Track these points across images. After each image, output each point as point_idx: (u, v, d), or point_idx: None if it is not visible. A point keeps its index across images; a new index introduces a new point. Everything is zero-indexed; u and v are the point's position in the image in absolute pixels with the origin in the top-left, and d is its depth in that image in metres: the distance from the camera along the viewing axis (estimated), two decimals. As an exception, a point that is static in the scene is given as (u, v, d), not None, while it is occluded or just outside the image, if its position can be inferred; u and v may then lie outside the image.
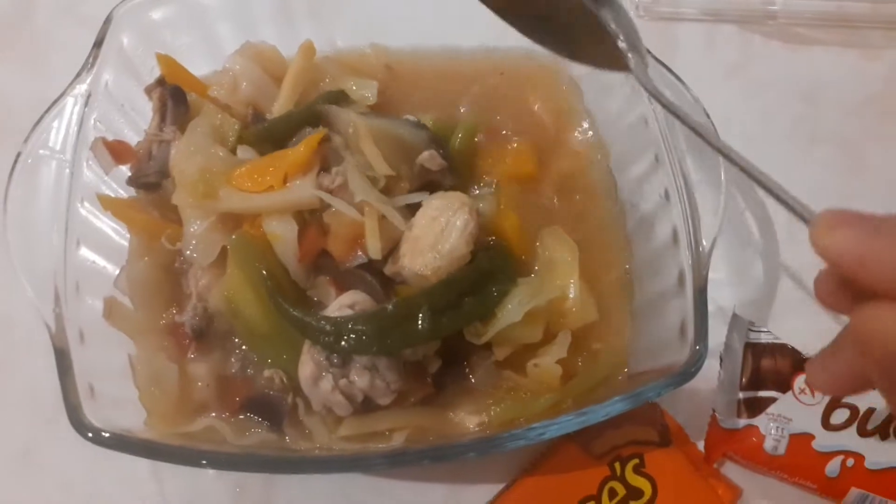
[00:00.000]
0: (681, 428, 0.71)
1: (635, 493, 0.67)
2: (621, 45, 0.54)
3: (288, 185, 0.62)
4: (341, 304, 0.60)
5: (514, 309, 0.61)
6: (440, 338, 0.60)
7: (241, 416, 0.61)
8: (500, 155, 0.73)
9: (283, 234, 0.61)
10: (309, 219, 0.64)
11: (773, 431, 0.66)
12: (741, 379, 0.69)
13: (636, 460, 0.68)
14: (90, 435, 0.52)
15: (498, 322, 0.61)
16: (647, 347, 0.65)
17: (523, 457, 0.69)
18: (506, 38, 0.74)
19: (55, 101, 0.64)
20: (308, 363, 0.59)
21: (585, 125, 0.75)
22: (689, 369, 0.56)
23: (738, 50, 0.90)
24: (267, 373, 0.61)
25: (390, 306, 0.58)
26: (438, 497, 0.68)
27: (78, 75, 0.65)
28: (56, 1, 0.88)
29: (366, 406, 0.60)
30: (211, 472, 0.68)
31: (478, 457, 0.58)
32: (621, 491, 0.67)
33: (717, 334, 0.69)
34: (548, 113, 0.76)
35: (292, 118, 0.68)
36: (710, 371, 0.68)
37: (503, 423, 0.62)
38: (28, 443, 0.69)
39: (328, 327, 0.57)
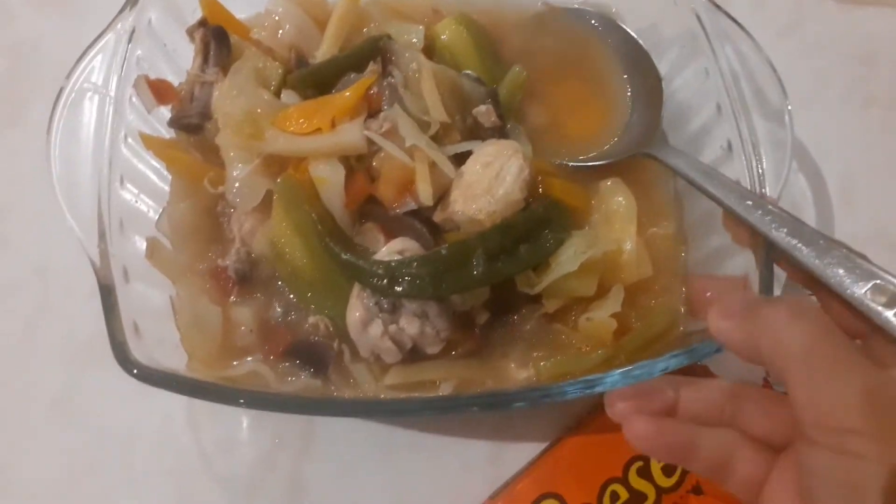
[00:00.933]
0: None
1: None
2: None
3: (336, 128, 0.60)
4: (390, 251, 0.58)
5: (569, 259, 0.59)
6: (494, 283, 0.58)
7: (286, 363, 0.59)
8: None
9: (329, 177, 0.59)
10: (356, 164, 0.62)
11: None
12: None
13: None
14: (135, 371, 0.51)
15: (552, 272, 0.59)
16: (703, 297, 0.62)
17: (568, 415, 0.67)
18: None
19: (98, 37, 0.62)
20: (358, 308, 0.57)
21: None
22: None
23: (791, 9, 0.88)
24: (312, 319, 0.60)
25: (444, 250, 0.56)
26: (481, 455, 0.67)
27: (121, 11, 0.63)
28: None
29: (413, 355, 0.58)
30: (248, 421, 0.67)
31: (527, 407, 0.56)
32: None
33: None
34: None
35: (338, 62, 0.65)
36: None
37: (552, 378, 0.60)
38: (65, 389, 0.68)
39: (381, 271, 0.55)
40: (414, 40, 0.70)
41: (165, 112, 0.66)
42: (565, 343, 0.62)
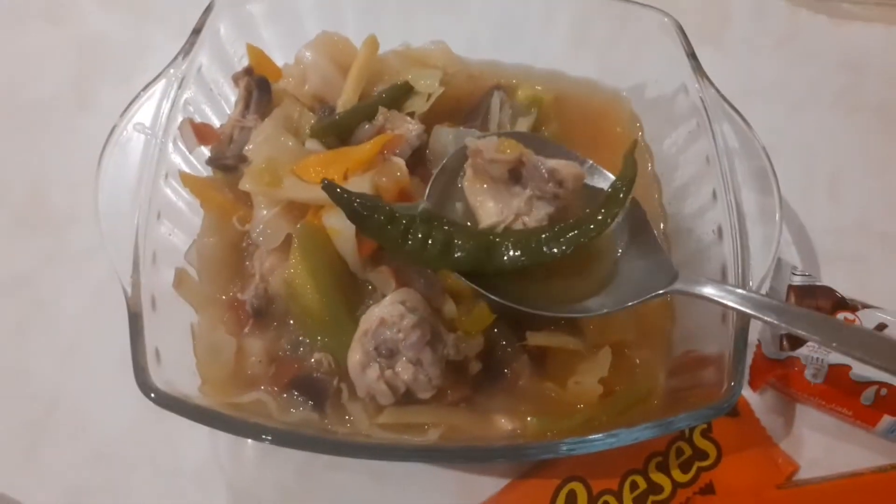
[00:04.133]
0: (748, 404, 0.75)
1: (701, 454, 0.71)
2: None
3: (348, 180, 0.66)
4: (393, 301, 0.63)
5: (592, 384, 0.64)
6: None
7: (288, 394, 0.64)
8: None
9: (340, 228, 0.64)
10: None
11: (812, 361, 0.71)
12: None
13: (705, 425, 0.73)
14: (153, 396, 0.56)
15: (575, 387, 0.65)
16: (686, 367, 0.67)
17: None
18: (576, 67, 0.79)
19: (151, 81, 0.68)
20: (358, 351, 0.62)
21: (645, 159, 0.77)
22: (723, 405, 0.57)
23: (786, 23, 0.98)
24: (317, 356, 0.65)
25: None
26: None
27: (175, 59, 0.70)
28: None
29: (406, 399, 0.63)
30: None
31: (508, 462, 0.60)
32: (688, 451, 0.71)
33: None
34: (607, 140, 0.78)
35: (354, 114, 0.72)
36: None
37: (536, 434, 0.64)
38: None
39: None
40: (431, 83, 0.74)
41: (206, 151, 0.73)
42: (553, 400, 0.66)
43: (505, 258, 0.60)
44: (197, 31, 0.70)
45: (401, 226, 0.61)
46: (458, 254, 0.61)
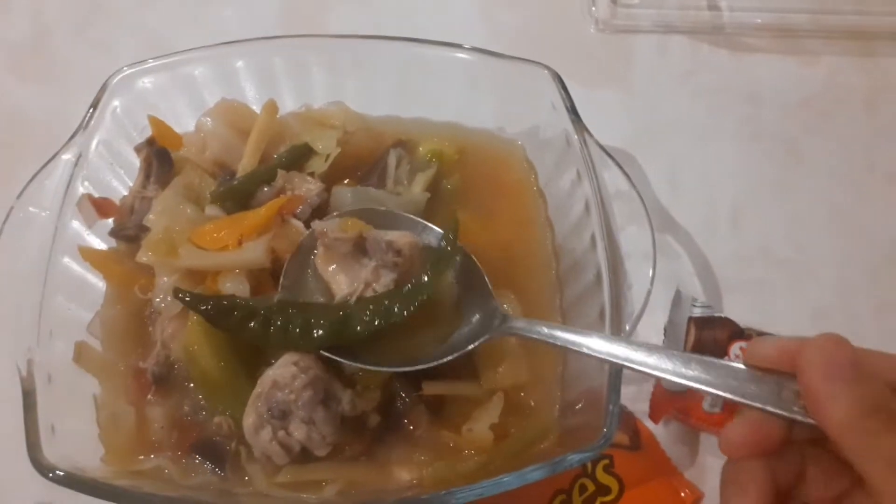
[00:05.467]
0: (652, 436, 0.78)
1: (603, 489, 0.74)
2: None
3: (242, 245, 0.68)
4: (286, 362, 0.65)
5: (483, 430, 0.67)
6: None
7: (189, 458, 0.66)
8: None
9: (234, 292, 0.67)
10: (266, 278, 0.70)
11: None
12: (684, 348, 0.77)
13: (606, 461, 0.75)
14: (49, 474, 0.58)
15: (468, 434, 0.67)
16: (574, 406, 0.69)
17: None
18: (473, 118, 0.82)
19: (48, 161, 0.71)
20: (251, 414, 0.64)
21: (539, 204, 0.80)
22: (596, 447, 0.60)
23: (688, 58, 1.02)
24: (217, 419, 0.67)
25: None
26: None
27: (72, 137, 0.72)
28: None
29: (304, 456, 0.65)
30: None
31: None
32: (591, 487, 0.74)
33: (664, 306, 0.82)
34: (504, 189, 0.81)
35: (252, 178, 0.74)
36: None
37: (436, 482, 0.66)
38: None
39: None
40: (329, 145, 0.77)
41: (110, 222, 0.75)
42: (450, 448, 0.68)
43: (358, 327, 0.63)
44: (94, 106, 0.73)
45: (260, 318, 0.64)
46: (319, 332, 0.64)
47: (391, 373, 0.67)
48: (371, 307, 0.63)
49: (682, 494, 0.74)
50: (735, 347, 0.78)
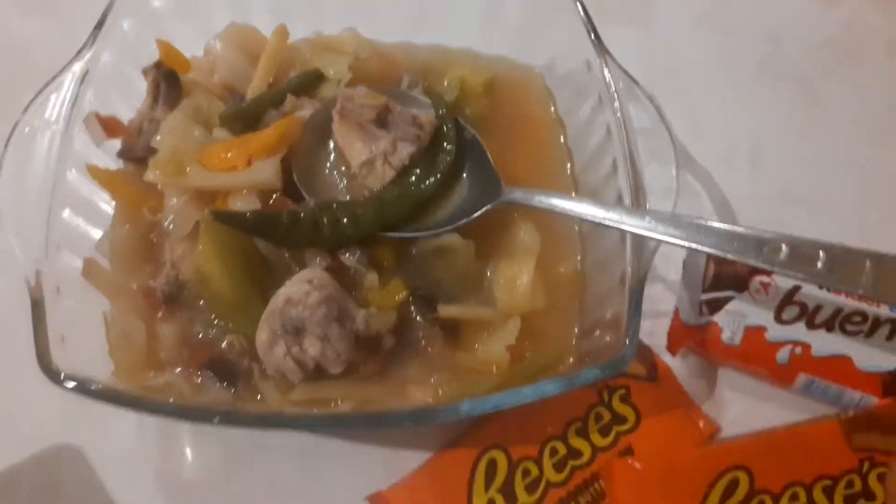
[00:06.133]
0: (669, 369, 0.76)
1: (620, 419, 0.73)
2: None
3: (251, 165, 0.67)
4: (299, 280, 0.64)
5: (498, 350, 0.66)
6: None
7: (201, 377, 0.65)
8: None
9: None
10: (279, 197, 0.68)
11: (730, 324, 0.74)
12: (703, 283, 0.76)
13: (623, 391, 0.74)
14: (60, 379, 0.57)
15: (481, 351, 0.67)
16: (592, 333, 0.68)
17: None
18: (490, 46, 0.80)
19: (54, 77, 0.69)
20: (265, 330, 0.63)
21: (557, 131, 0.79)
22: (618, 362, 0.59)
23: None
24: (229, 338, 0.66)
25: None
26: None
27: (78, 53, 0.70)
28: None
29: (318, 374, 0.64)
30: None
31: (414, 426, 0.61)
32: (607, 416, 0.72)
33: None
34: (523, 117, 0.80)
35: (261, 101, 0.73)
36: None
37: (450, 401, 0.65)
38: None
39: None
40: (341, 70, 0.76)
41: (117, 144, 0.74)
42: (465, 369, 0.67)
43: (396, 207, 0.67)
44: (99, 26, 0.71)
45: (306, 221, 0.65)
46: (362, 220, 0.66)
47: (406, 296, 0.67)
48: (404, 186, 0.68)
49: (700, 426, 0.73)
50: (755, 281, 0.76)
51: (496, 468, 0.69)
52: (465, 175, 0.72)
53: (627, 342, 0.59)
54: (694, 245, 0.59)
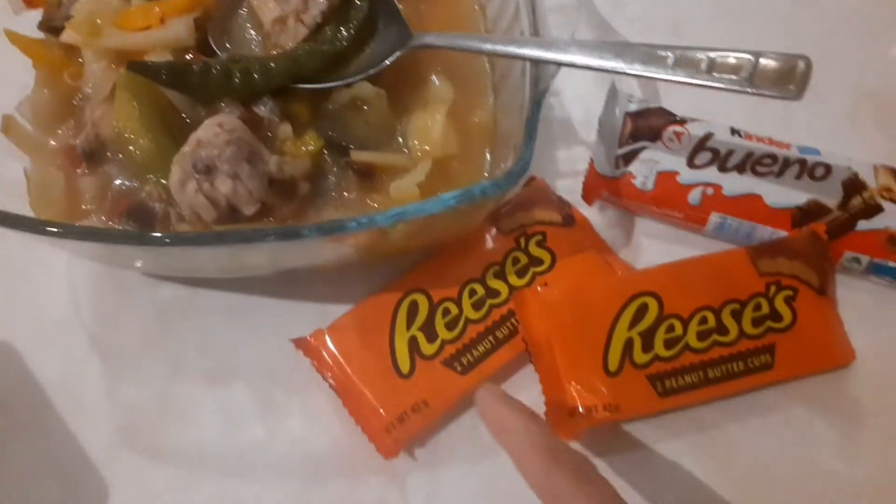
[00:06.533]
0: (586, 218, 0.79)
1: (536, 261, 0.75)
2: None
3: (165, 25, 0.69)
4: (209, 123, 0.66)
5: (408, 186, 0.68)
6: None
7: (122, 222, 0.67)
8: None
9: (162, 68, 0.67)
10: (193, 55, 0.71)
11: (643, 171, 0.77)
12: (619, 140, 0.79)
13: (539, 236, 0.76)
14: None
15: (392, 191, 0.70)
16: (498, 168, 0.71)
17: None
18: None
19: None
20: (177, 171, 0.65)
21: None
22: (513, 171, 0.60)
23: None
24: (147, 188, 0.68)
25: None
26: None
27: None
28: None
29: (232, 215, 0.66)
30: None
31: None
32: (524, 259, 0.75)
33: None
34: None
35: None
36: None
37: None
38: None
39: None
40: None
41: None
42: (378, 209, 0.70)
43: (309, 62, 0.69)
44: None
45: (218, 71, 0.68)
46: (274, 72, 0.69)
47: (321, 146, 0.70)
48: (319, 40, 0.71)
49: (613, 265, 0.76)
50: (669, 131, 0.79)
51: (417, 309, 0.72)
52: (377, 29, 0.74)
53: (522, 154, 0.61)
54: (585, 61, 0.61)
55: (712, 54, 0.60)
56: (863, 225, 0.75)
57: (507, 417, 0.57)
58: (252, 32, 0.74)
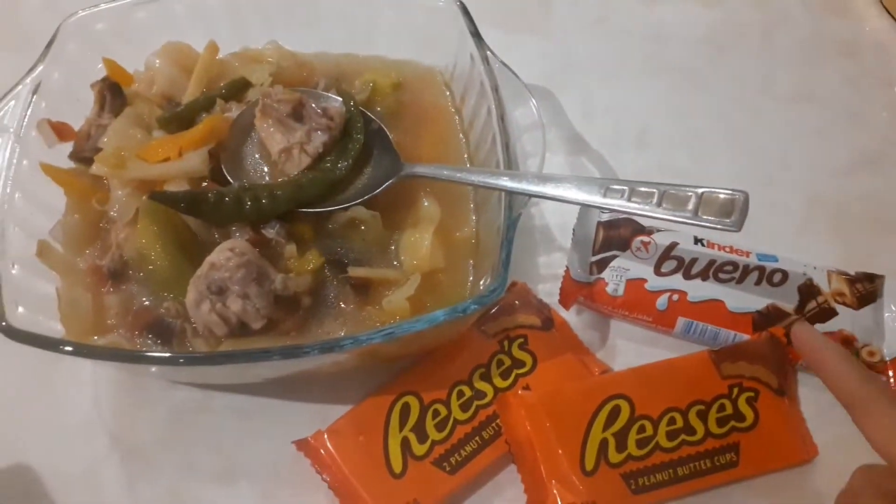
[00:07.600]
0: (565, 321, 0.86)
1: (519, 363, 0.81)
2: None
3: (182, 156, 0.78)
4: (222, 248, 0.74)
5: (399, 300, 0.76)
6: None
7: (142, 337, 0.74)
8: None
9: (181, 198, 0.76)
10: (207, 184, 0.79)
11: (613, 278, 0.84)
12: (593, 247, 0.87)
13: (521, 339, 0.83)
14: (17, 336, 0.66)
15: (385, 307, 0.77)
16: (480, 281, 0.78)
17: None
18: (397, 51, 0.93)
19: (11, 89, 0.80)
20: (192, 292, 0.73)
21: (454, 119, 0.91)
22: (492, 288, 0.68)
23: (601, 6, 1.15)
24: (165, 304, 0.76)
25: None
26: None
27: (31, 70, 0.82)
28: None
29: (242, 330, 0.73)
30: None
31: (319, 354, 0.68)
32: (507, 362, 0.81)
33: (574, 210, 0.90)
34: (427, 111, 0.92)
35: (193, 106, 0.84)
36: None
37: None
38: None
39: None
40: (263, 75, 0.88)
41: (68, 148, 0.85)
42: (372, 321, 0.77)
43: (312, 188, 0.79)
44: (48, 46, 0.83)
45: (230, 199, 0.76)
46: (280, 199, 0.78)
47: (322, 262, 0.78)
48: (320, 170, 0.80)
49: (591, 366, 0.82)
50: (637, 241, 0.87)
51: (409, 410, 0.78)
52: (372, 158, 0.83)
53: (499, 274, 0.68)
54: (552, 193, 0.70)
55: (663, 188, 0.68)
56: (819, 328, 0.82)
57: (824, 340, 0.69)
58: (261, 161, 0.83)
